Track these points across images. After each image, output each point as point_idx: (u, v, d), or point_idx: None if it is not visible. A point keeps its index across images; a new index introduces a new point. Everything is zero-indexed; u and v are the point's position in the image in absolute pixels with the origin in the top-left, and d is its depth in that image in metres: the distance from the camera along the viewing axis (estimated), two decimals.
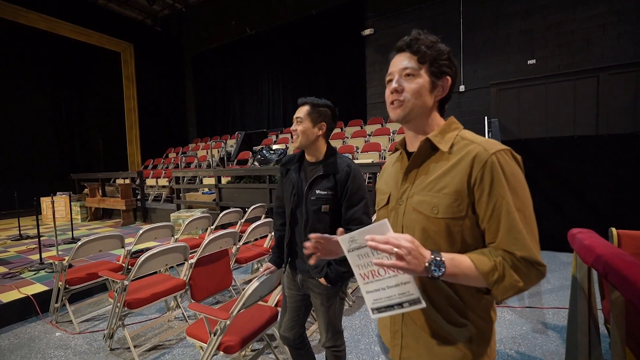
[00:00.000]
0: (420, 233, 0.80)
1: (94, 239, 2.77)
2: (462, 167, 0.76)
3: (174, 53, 12.23)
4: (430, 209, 0.79)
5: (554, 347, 2.22)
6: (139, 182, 7.10)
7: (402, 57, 0.83)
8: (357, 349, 2.28)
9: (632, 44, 5.38)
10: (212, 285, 2.37)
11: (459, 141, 0.81)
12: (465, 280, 0.72)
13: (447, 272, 0.69)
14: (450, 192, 0.76)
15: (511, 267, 0.70)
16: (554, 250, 4.32)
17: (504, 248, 0.72)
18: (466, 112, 6.81)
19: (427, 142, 0.83)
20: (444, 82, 0.83)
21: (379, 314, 0.71)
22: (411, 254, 0.66)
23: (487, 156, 0.73)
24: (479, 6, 6.68)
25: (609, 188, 4.17)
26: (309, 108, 1.47)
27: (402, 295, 0.69)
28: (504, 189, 0.72)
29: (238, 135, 9.32)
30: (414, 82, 0.81)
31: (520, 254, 0.70)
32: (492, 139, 0.78)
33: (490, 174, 0.73)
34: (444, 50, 0.83)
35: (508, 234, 0.71)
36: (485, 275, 0.71)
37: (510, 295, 0.72)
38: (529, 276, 0.70)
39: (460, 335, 0.78)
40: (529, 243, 0.71)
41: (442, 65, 0.82)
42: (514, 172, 0.74)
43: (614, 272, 1.15)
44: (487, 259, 0.72)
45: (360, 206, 1.44)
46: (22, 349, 2.43)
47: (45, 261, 3.87)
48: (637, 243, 1.68)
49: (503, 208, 0.72)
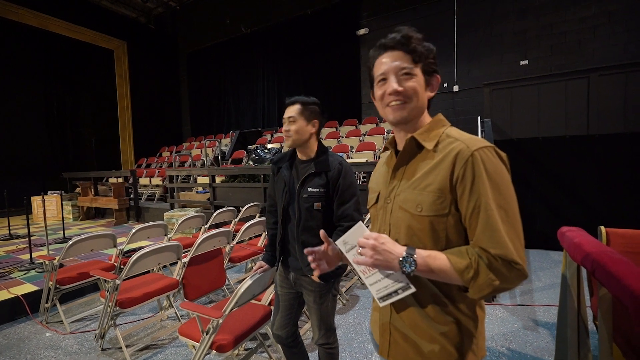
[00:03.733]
0: (406, 231, 0.80)
1: (86, 238, 2.74)
2: (445, 165, 0.76)
3: (168, 51, 12.13)
4: (414, 206, 0.79)
5: (545, 344, 2.25)
6: (132, 181, 7.03)
7: (393, 56, 0.80)
8: (351, 347, 2.28)
9: (622, 45, 5.46)
10: (206, 284, 2.36)
11: (444, 139, 0.80)
12: (442, 277, 0.73)
13: (419, 268, 0.72)
14: (434, 189, 0.76)
15: (486, 265, 0.69)
16: (545, 248, 4.38)
17: (480, 245, 0.71)
18: (459, 112, 6.86)
19: (413, 141, 0.82)
20: (434, 80, 0.83)
21: (384, 301, 0.78)
22: (376, 252, 0.73)
23: (469, 153, 0.73)
24: (472, 7, 6.74)
25: (599, 187, 4.23)
26: (300, 106, 1.47)
27: (395, 284, 0.76)
28: (484, 186, 0.71)
29: (232, 134, 9.28)
30: (412, 81, 0.79)
31: (494, 251, 0.69)
32: (477, 137, 0.78)
33: (471, 171, 0.72)
34: (432, 48, 0.81)
35: (484, 232, 0.71)
36: (460, 273, 0.71)
37: (488, 294, 0.71)
38: (506, 275, 0.69)
39: (445, 331, 0.79)
40: (505, 241, 0.69)
41: (432, 64, 0.81)
42: (497, 169, 0.73)
43: (601, 269, 1.17)
44: (463, 257, 0.72)
45: (351, 203, 1.45)
46: (12, 349, 2.40)
47: (35, 261, 3.81)
48: (625, 241, 1.71)
49: (482, 205, 0.71)
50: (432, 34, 7.08)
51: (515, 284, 0.70)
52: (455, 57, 6.89)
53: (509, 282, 0.70)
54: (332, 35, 8.57)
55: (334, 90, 8.51)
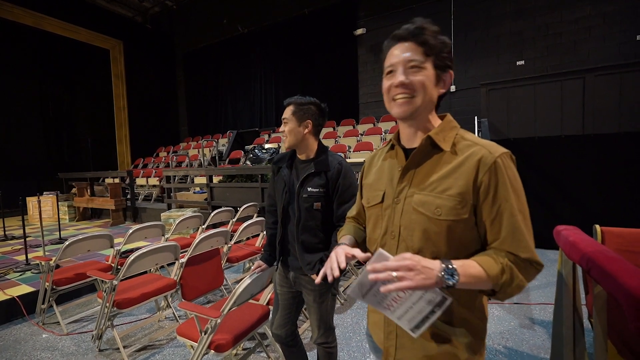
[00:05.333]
0: (421, 234, 0.78)
1: (82, 238, 2.72)
2: (467, 169, 0.75)
3: (165, 51, 12.07)
4: (433, 209, 0.76)
5: (541, 342, 2.27)
6: (129, 182, 6.99)
7: (404, 47, 0.76)
8: (349, 346, 2.29)
9: (617, 45, 5.52)
10: (203, 284, 2.36)
11: (460, 141, 0.79)
12: (474, 285, 0.71)
13: (461, 279, 0.68)
14: (455, 194, 0.75)
15: (518, 268, 0.72)
16: (541, 247, 4.37)
17: (508, 250, 0.72)
18: (457, 112, 6.89)
19: (429, 140, 0.79)
20: (447, 77, 0.79)
21: (419, 329, 0.70)
22: (413, 271, 0.65)
23: (492, 159, 0.73)
24: (470, 7, 6.77)
25: (594, 186, 4.27)
26: (293, 107, 1.48)
27: (430, 303, 0.69)
28: (508, 192, 0.73)
29: (230, 134, 9.26)
30: (421, 74, 0.75)
31: (524, 255, 0.72)
32: (493, 142, 0.79)
33: (495, 177, 0.73)
34: (447, 42, 0.78)
35: (512, 236, 0.72)
36: (494, 278, 0.70)
37: (515, 294, 0.73)
38: (532, 276, 0.73)
39: (456, 334, 0.78)
40: (530, 245, 0.73)
41: (446, 59, 0.78)
42: (515, 175, 0.75)
43: (596, 267, 1.18)
44: (494, 262, 0.71)
45: (351, 203, 1.45)
46: (7, 351, 2.38)
47: (31, 262, 3.78)
48: (619, 240, 1.73)
49: (507, 210, 0.72)
50: None
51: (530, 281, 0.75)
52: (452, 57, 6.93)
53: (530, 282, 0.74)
54: (329, 35, 8.58)
55: (332, 90, 8.51)
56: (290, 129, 1.47)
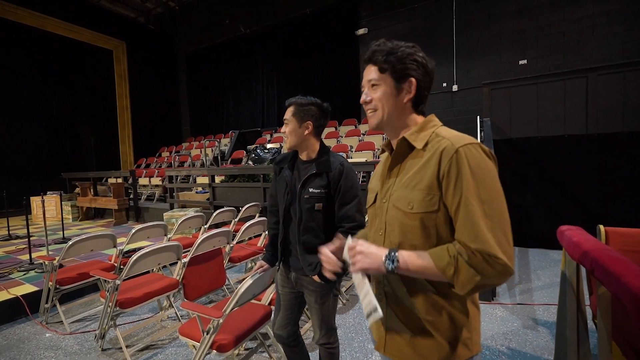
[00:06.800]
0: (399, 229, 0.83)
1: (85, 238, 2.73)
2: (433, 162, 0.78)
3: (167, 51, 12.10)
4: (406, 204, 0.81)
5: (544, 343, 2.26)
6: (132, 181, 7.02)
7: (368, 70, 0.89)
8: (351, 346, 2.29)
9: (620, 44, 5.47)
10: (206, 284, 2.36)
11: (434, 138, 0.83)
12: (427, 275, 0.76)
13: (401, 266, 0.75)
14: (423, 187, 0.79)
15: (466, 261, 0.70)
16: (544, 247, 4.39)
17: (460, 240, 0.72)
18: (459, 112, 6.87)
19: (404, 141, 0.86)
20: (408, 84, 0.85)
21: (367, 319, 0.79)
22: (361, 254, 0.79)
23: (454, 150, 0.75)
24: (471, 7, 6.74)
25: (597, 186, 4.24)
26: (294, 108, 1.48)
27: (368, 305, 0.76)
28: (467, 181, 0.72)
29: (232, 134, 9.27)
30: (379, 91, 0.87)
31: (474, 246, 0.69)
32: (464, 134, 0.80)
33: (456, 167, 0.74)
34: (404, 54, 0.84)
35: (464, 226, 0.72)
36: (442, 270, 0.72)
37: (471, 290, 0.71)
38: (488, 270, 0.68)
39: (437, 324, 0.81)
40: (484, 234, 0.69)
41: (405, 69, 0.84)
42: (481, 164, 0.74)
43: (600, 267, 1.17)
44: (445, 254, 0.73)
45: (353, 204, 1.45)
46: (11, 350, 2.40)
47: (35, 261, 3.81)
48: (623, 239, 1.72)
49: (464, 199, 0.72)
50: (431, 34, 7.09)
51: (499, 280, 0.70)
52: (454, 56, 6.89)
53: (492, 278, 0.69)
54: (331, 35, 8.57)
55: (333, 90, 8.50)
56: (290, 129, 1.47)
